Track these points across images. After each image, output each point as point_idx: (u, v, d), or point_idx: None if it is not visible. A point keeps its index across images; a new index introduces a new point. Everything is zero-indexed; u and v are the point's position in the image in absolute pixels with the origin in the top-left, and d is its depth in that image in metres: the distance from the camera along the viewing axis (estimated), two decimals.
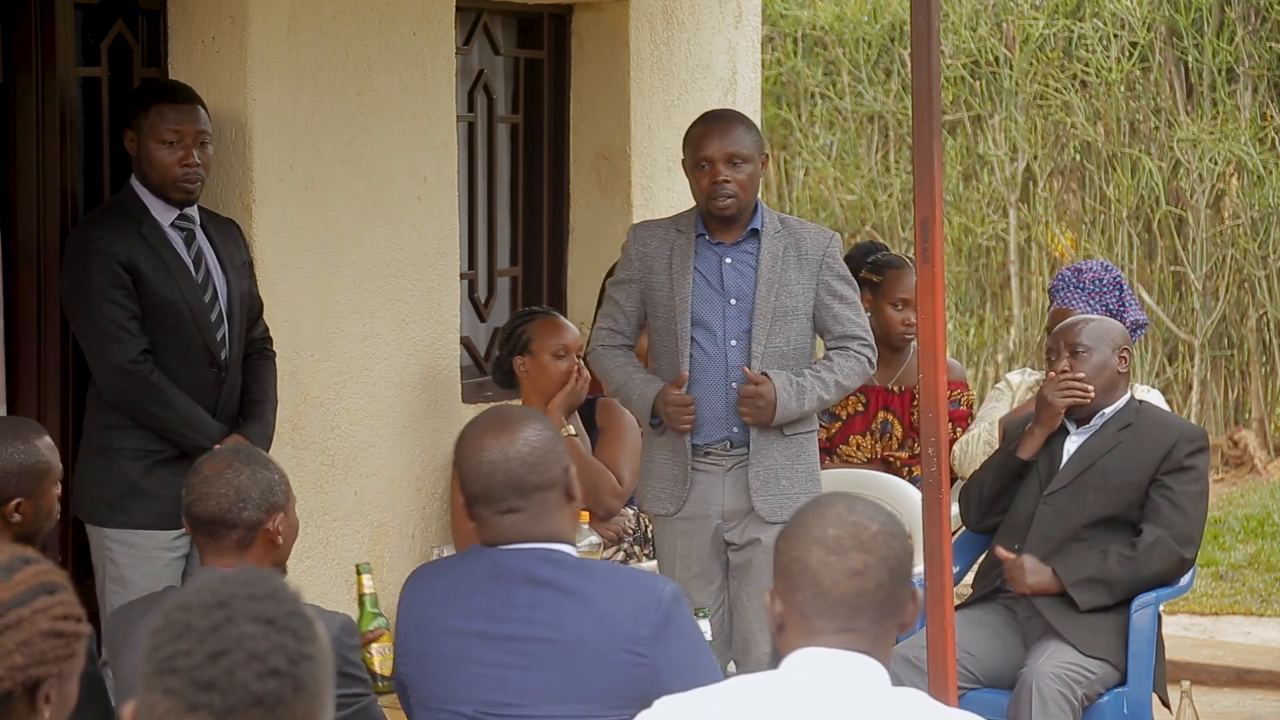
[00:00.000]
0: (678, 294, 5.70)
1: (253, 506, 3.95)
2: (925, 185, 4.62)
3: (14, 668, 2.57)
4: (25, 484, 4.14)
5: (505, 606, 3.77)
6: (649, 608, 3.75)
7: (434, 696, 3.83)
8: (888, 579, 2.83)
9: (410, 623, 3.89)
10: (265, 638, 2.17)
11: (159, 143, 5.51)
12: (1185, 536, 5.73)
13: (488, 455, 3.79)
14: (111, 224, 5.50)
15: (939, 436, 4.62)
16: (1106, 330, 5.90)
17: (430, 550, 6.51)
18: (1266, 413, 11.73)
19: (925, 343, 4.63)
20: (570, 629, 3.74)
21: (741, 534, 5.76)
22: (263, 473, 3.99)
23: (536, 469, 3.80)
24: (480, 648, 3.78)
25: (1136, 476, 5.76)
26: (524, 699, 3.74)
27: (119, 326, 5.43)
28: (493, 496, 3.79)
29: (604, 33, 7.42)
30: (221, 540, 3.98)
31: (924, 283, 4.65)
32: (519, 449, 3.79)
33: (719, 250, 5.75)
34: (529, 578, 3.77)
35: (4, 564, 2.63)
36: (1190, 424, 5.96)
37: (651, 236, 5.81)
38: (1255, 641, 8.50)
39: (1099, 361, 5.84)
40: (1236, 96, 11.68)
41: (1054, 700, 5.48)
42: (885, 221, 12.51)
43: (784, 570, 2.86)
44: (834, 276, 5.78)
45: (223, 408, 5.60)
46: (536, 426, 3.85)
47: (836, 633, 2.81)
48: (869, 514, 2.87)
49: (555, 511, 3.84)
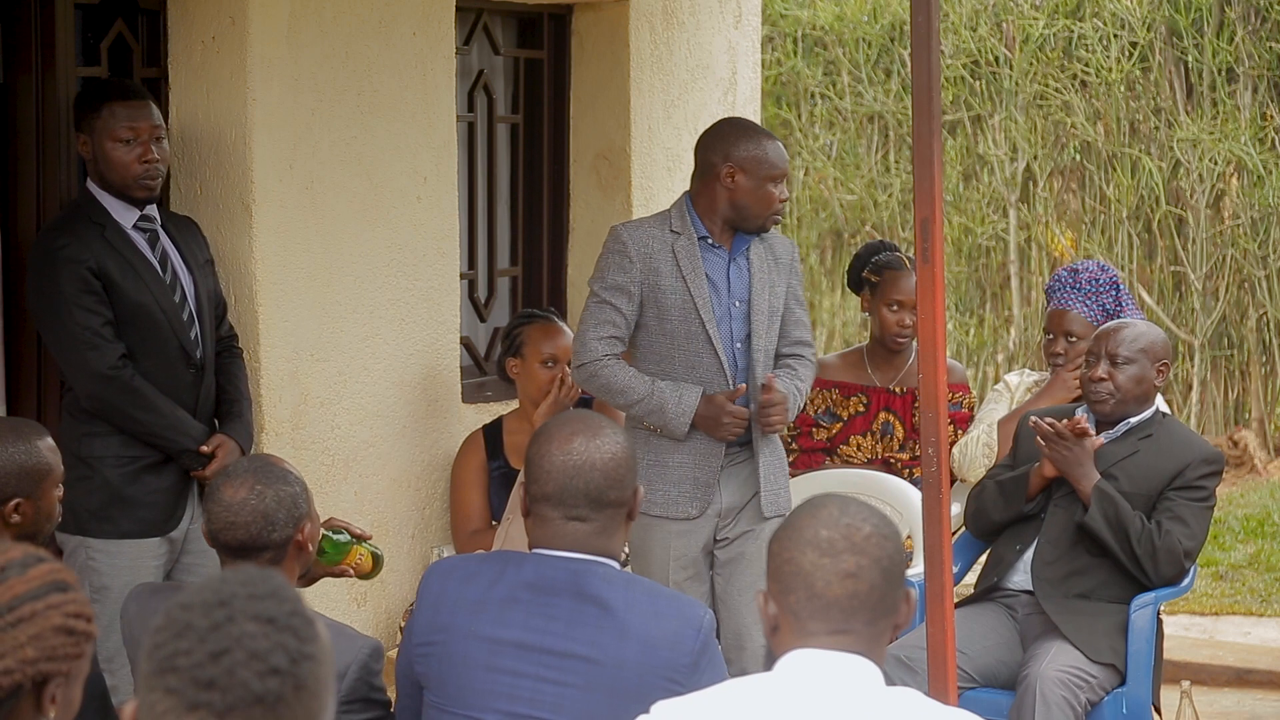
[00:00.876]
0: (697, 297, 5.70)
1: (280, 526, 3.86)
2: (925, 185, 4.62)
3: (25, 661, 2.59)
4: (25, 484, 4.12)
5: (544, 618, 3.71)
6: (689, 635, 3.72)
7: (458, 701, 3.76)
8: (881, 580, 2.83)
9: (435, 623, 3.80)
10: (266, 636, 2.17)
11: (115, 141, 5.42)
12: (1186, 550, 5.73)
13: (573, 459, 3.72)
14: (75, 230, 5.41)
15: (939, 436, 4.62)
16: (1150, 342, 5.87)
17: (430, 550, 6.52)
18: (1266, 413, 11.73)
19: (925, 343, 4.63)
20: (610, 650, 3.69)
21: (734, 528, 5.79)
22: (284, 489, 3.89)
23: (617, 485, 3.74)
24: (513, 656, 3.71)
25: (1148, 488, 5.75)
26: (556, 714, 3.69)
27: (94, 333, 5.36)
28: (565, 500, 3.72)
29: (604, 33, 7.42)
30: (252, 559, 3.90)
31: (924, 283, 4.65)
32: (605, 459, 3.73)
33: (721, 254, 5.77)
34: (574, 590, 3.71)
35: (18, 559, 2.65)
36: (1209, 446, 5.92)
37: (649, 238, 5.74)
38: (1255, 641, 8.50)
39: (1137, 374, 5.84)
40: (1236, 96, 11.68)
41: (1057, 705, 5.47)
42: (885, 221, 12.51)
43: (776, 572, 2.86)
44: (798, 282, 5.94)
45: (201, 408, 5.57)
46: (623, 439, 3.79)
47: (830, 634, 2.81)
48: (862, 515, 2.87)
49: (618, 530, 3.78)
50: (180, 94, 6.00)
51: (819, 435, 6.85)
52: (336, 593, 6.17)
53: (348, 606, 6.23)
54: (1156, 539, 5.67)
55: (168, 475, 5.49)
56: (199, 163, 5.99)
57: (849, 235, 12.69)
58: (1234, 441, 11.55)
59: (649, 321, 5.75)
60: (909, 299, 6.72)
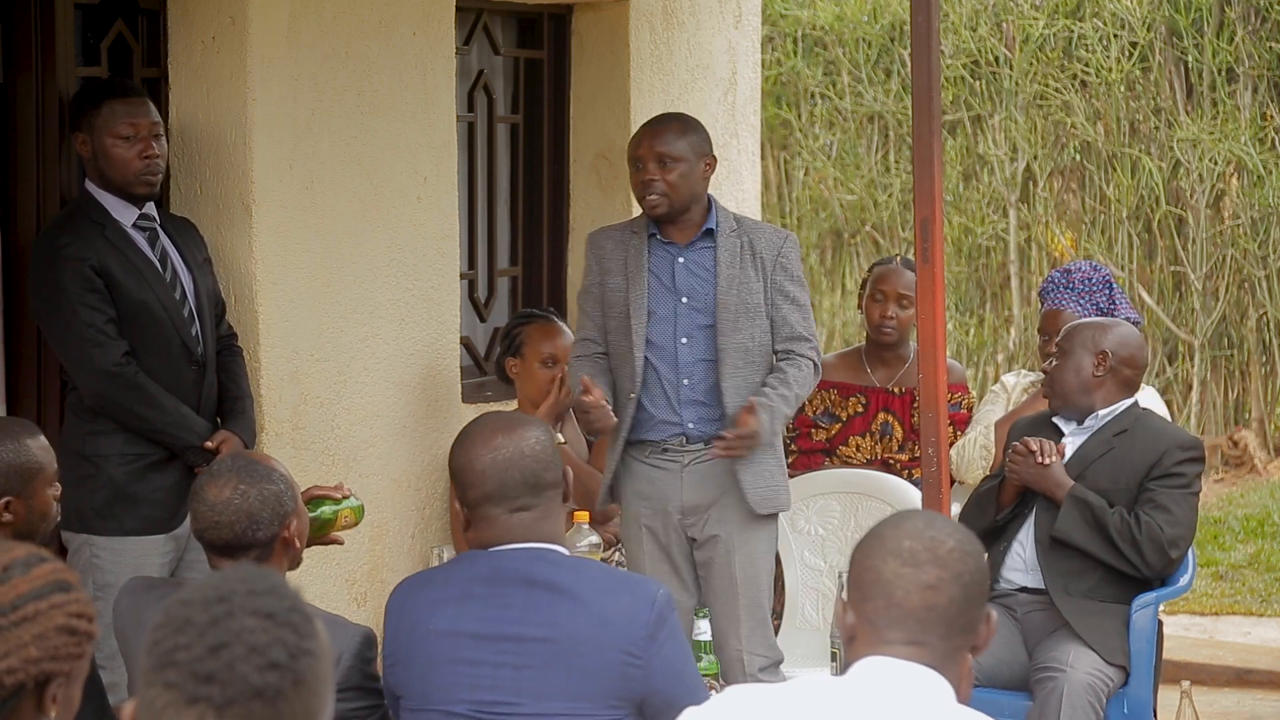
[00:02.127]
0: (632, 293, 5.78)
1: (265, 525, 3.88)
2: (925, 185, 4.62)
3: (28, 660, 2.59)
4: (14, 483, 4.12)
5: (499, 608, 3.79)
6: (643, 609, 3.77)
7: (424, 699, 3.84)
8: (960, 595, 2.82)
9: (398, 630, 3.90)
10: (265, 631, 2.18)
11: (116, 139, 5.44)
12: (1170, 538, 5.70)
13: (502, 454, 3.82)
14: (76, 229, 5.43)
15: (939, 436, 4.63)
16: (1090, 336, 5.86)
17: (430, 550, 6.52)
18: (1266, 413, 11.73)
19: (925, 343, 4.63)
20: (565, 628, 3.75)
21: (702, 530, 5.81)
22: (268, 487, 3.89)
23: (550, 467, 3.84)
24: (471, 647, 3.79)
25: (1126, 482, 5.74)
26: (518, 697, 3.76)
27: (98, 331, 5.38)
28: (507, 494, 3.81)
29: (604, 33, 7.42)
30: (239, 558, 3.92)
31: (924, 283, 4.66)
32: (532, 446, 3.83)
33: (672, 250, 5.84)
34: (526, 578, 3.79)
35: (22, 558, 2.66)
36: (1185, 433, 5.92)
37: (607, 240, 5.93)
38: (1255, 641, 8.50)
39: (1073, 364, 5.84)
40: (1236, 96, 11.68)
41: (1083, 710, 5.48)
42: (885, 221, 12.51)
43: (857, 580, 2.85)
44: (786, 277, 5.85)
45: (204, 405, 5.59)
46: (539, 428, 3.91)
47: (905, 644, 2.80)
48: (946, 530, 2.87)
49: (557, 512, 3.88)
50: (180, 94, 6.00)
51: (818, 436, 6.85)
52: (336, 592, 6.17)
53: (348, 606, 6.23)
54: (1136, 531, 5.65)
55: (172, 473, 5.50)
56: (199, 163, 5.99)
57: (849, 235, 12.69)
58: (1234, 441, 11.55)
59: (605, 320, 5.89)
60: (891, 289, 6.79)
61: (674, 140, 5.82)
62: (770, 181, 12.64)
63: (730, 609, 5.77)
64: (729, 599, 5.78)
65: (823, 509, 6.62)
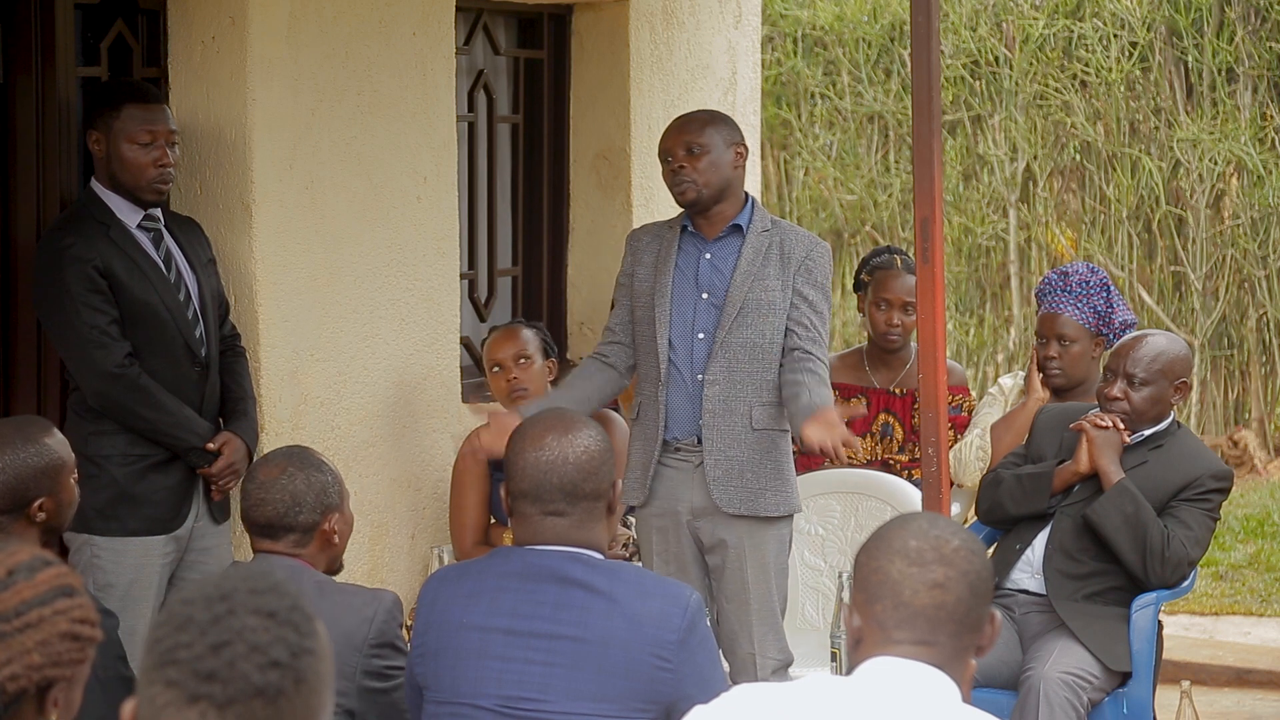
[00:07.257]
0: (657, 288, 5.76)
1: (308, 510, 4.09)
2: (925, 185, 4.63)
3: (31, 666, 2.59)
4: (45, 483, 4.19)
5: (532, 604, 3.79)
6: (675, 613, 3.77)
7: (452, 691, 3.84)
8: (968, 594, 2.82)
9: (430, 622, 3.89)
10: (266, 630, 2.18)
11: (132, 144, 5.45)
12: (1191, 558, 5.74)
13: (545, 455, 3.82)
14: (80, 229, 5.43)
15: (939, 436, 4.63)
16: (1169, 362, 5.88)
17: (430, 550, 6.51)
18: (1266, 413, 11.73)
19: (925, 343, 4.64)
20: (596, 628, 3.75)
21: (711, 534, 5.75)
22: (316, 476, 4.12)
23: (591, 477, 3.83)
24: (502, 643, 3.79)
25: (1153, 497, 5.73)
26: (545, 694, 3.76)
27: (101, 332, 5.38)
28: (541, 496, 3.82)
29: (604, 33, 7.43)
30: (278, 540, 4.12)
31: (924, 283, 4.66)
32: (577, 454, 3.82)
33: (700, 246, 5.80)
34: (558, 576, 3.79)
35: (26, 563, 2.66)
36: (1220, 462, 5.89)
37: (645, 234, 5.92)
38: (1255, 641, 8.50)
39: (1153, 395, 5.85)
40: (1236, 96, 11.68)
41: (1060, 706, 5.47)
42: (885, 221, 12.51)
43: (863, 582, 2.85)
44: (806, 282, 5.75)
45: (207, 406, 5.59)
46: (597, 434, 3.88)
47: (914, 644, 2.80)
48: (951, 529, 2.87)
49: (597, 522, 3.86)
50: (180, 94, 6.00)
51: None
52: None
53: None
54: (1167, 549, 5.66)
55: (174, 473, 5.51)
56: (199, 163, 5.99)
57: (849, 235, 12.70)
58: (1234, 441, 11.56)
59: (634, 313, 5.86)
60: (896, 297, 6.77)
61: (700, 128, 5.80)
62: (770, 181, 12.64)
63: (742, 611, 5.73)
64: (740, 601, 5.73)
65: (823, 509, 6.61)
